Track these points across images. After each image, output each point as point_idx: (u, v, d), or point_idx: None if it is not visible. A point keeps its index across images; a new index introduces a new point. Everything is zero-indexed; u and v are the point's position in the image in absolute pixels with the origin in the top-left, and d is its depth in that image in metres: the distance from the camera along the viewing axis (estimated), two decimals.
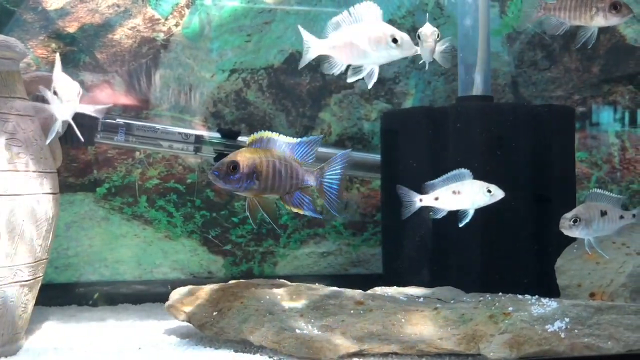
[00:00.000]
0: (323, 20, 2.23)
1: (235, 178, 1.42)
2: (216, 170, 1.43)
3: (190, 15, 2.18)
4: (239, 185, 1.43)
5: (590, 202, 1.52)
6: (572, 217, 1.49)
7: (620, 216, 1.53)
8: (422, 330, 1.46)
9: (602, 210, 1.51)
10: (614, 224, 1.52)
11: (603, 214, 1.51)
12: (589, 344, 1.36)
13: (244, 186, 1.43)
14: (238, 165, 1.42)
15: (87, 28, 2.12)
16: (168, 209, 2.18)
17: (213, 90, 2.19)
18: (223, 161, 1.44)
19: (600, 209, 1.51)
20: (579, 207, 1.51)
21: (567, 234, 1.50)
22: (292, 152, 1.49)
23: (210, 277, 2.21)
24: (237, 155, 1.44)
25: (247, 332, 1.50)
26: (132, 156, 2.16)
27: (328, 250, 2.26)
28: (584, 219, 1.49)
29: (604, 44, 2.28)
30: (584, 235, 1.50)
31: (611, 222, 1.52)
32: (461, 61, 2.03)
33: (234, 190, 1.46)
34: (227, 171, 1.42)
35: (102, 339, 1.66)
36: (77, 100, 1.50)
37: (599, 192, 1.54)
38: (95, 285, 2.15)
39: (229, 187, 1.44)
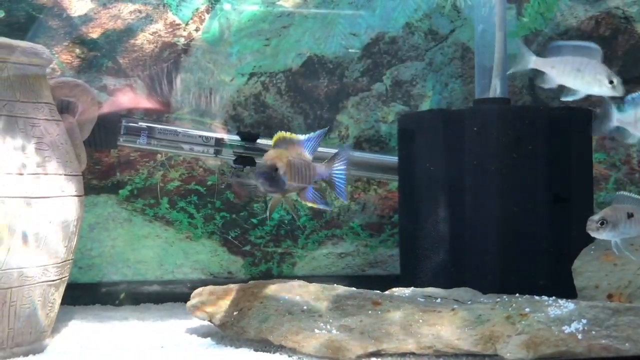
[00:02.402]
0: (340, 23, 2.25)
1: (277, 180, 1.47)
2: (264, 174, 1.46)
3: (210, 20, 2.21)
4: (279, 187, 1.47)
5: (616, 205, 1.53)
6: (599, 220, 1.49)
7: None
8: (439, 331, 1.47)
9: (628, 213, 1.51)
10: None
11: (630, 216, 1.51)
12: (607, 345, 1.36)
13: (281, 186, 1.48)
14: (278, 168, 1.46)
15: (110, 34, 2.17)
16: (189, 211, 2.21)
17: (232, 93, 2.22)
18: (265, 166, 1.47)
19: (627, 211, 1.51)
20: (606, 209, 1.52)
21: (594, 235, 1.52)
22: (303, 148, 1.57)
23: (230, 277, 2.23)
24: (274, 158, 1.48)
25: (266, 332, 1.52)
26: (153, 159, 2.19)
27: (346, 251, 2.28)
28: (610, 221, 1.49)
29: (622, 44, 2.27)
30: (611, 237, 1.51)
31: (638, 224, 1.52)
32: (478, 63, 2.03)
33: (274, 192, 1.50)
34: (272, 175, 1.46)
35: (125, 338, 1.69)
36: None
37: (626, 195, 1.55)
38: (118, 285, 2.18)
39: (273, 189, 1.48)
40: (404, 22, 2.26)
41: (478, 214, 1.84)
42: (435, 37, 2.28)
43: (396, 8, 2.26)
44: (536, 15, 2.27)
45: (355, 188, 2.27)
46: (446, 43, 2.28)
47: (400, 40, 2.26)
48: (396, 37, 2.26)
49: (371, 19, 2.25)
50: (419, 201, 1.94)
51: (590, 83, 1.59)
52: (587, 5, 2.28)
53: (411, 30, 2.27)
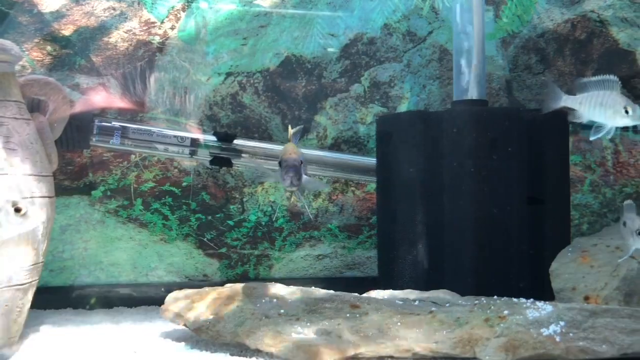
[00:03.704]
0: (318, 23, 2.23)
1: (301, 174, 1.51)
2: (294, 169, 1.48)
3: (186, 18, 2.18)
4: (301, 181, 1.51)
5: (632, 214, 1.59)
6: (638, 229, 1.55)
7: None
8: (417, 334, 1.46)
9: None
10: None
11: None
12: (584, 347, 1.37)
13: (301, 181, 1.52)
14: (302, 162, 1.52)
15: (83, 31, 2.12)
16: (163, 212, 2.18)
17: (209, 93, 2.19)
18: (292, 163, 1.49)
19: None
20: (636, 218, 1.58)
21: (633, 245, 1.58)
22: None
23: (205, 280, 2.21)
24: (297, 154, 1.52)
25: (243, 336, 1.50)
26: (127, 159, 2.16)
27: (323, 253, 2.26)
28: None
29: (597, 48, 2.29)
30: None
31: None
32: (456, 65, 2.04)
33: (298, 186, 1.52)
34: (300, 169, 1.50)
35: (97, 343, 1.66)
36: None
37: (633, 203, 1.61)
38: (91, 289, 2.14)
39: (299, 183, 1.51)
40: (383, 23, 2.26)
41: (456, 216, 1.85)
42: (414, 39, 2.28)
43: (375, 9, 2.26)
44: (513, 18, 2.29)
45: (334, 190, 2.25)
46: (424, 45, 2.28)
47: (379, 41, 2.26)
48: (374, 38, 2.26)
49: (350, 19, 2.24)
50: (397, 203, 1.94)
51: (612, 115, 1.67)
52: (563, 9, 2.30)
53: (389, 31, 2.27)
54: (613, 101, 1.66)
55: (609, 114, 1.67)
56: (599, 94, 1.69)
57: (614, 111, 1.66)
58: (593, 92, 1.71)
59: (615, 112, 1.66)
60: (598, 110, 1.68)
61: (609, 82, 1.69)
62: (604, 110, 1.67)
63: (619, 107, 1.65)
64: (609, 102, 1.67)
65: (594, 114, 1.69)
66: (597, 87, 1.71)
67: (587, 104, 1.71)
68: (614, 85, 1.69)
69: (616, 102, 1.66)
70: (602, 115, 1.68)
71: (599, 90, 1.70)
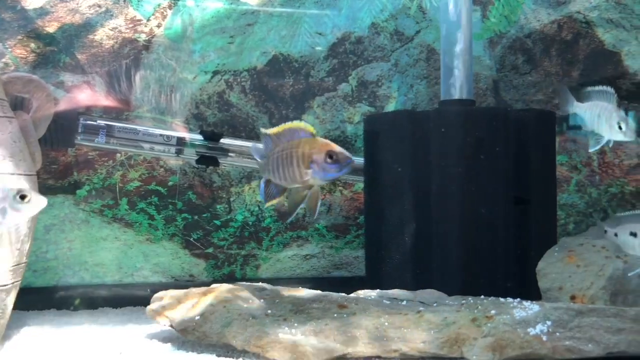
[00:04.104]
0: (306, 22, 2.22)
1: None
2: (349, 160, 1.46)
3: (173, 16, 2.16)
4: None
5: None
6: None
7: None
8: (405, 334, 1.46)
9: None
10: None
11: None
12: (571, 346, 1.37)
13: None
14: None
15: (67, 28, 2.10)
16: (149, 212, 2.16)
17: (195, 91, 2.18)
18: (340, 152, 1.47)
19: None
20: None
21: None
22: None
23: (192, 280, 2.19)
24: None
25: (229, 337, 1.48)
26: (113, 158, 2.13)
27: (311, 253, 2.25)
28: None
29: (583, 49, 2.31)
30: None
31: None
32: (443, 65, 2.04)
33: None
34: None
35: (81, 345, 1.64)
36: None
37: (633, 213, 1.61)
38: (75, 289, 2.12)
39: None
40: (370, 22, 2.26)
41: (444, 215, 1.85)
42: (401, 38, 2.28)
43: (362, 8, 2.25)
44: (500, 18, 2.29)
45: (321, 189, 2.25)
46: (412, 44, 2.28)
47: (366, 40, 2.25)
48: (362, 37, 2.25)
49: (337, 18, 2.24)
50: (385, 202, 1.93)
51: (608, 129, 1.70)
52: (550, 9, 2.31)
53: (377, 30, 2.26)
54: (609, 115, 1.68)
55: (605, 127, 1.69)
56: (598, 105, 1.71)
57: (609, 125, 1.68)
58: (594, 103, 1.73)
59: (610, 126, 1.67)
60: (597, 122, 1.71)
61: (606, 93, 1.70)
62: (602, 123, 1.69)
63: (614, 122, 1.67)
64: (605, 115, 1.69)
65: (594, 124, 1.72)
66: (597, 98, 1.72)
67: (589, 114, 1.73)
68: (611, 97, 1.69)
69: (612, 116, 1.68)
70: (600, 127, 1.70)
71: (598, 101, 1.71)
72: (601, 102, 1.70)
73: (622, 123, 1.65)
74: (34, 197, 1.36)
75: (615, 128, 1.66)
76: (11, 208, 1.35)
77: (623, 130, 1.66)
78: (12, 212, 1.35)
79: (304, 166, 1.49)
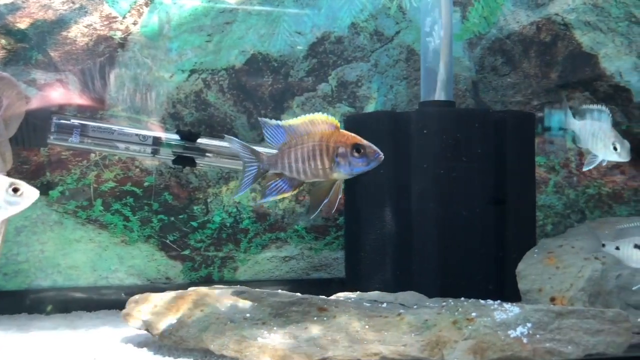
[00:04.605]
0: (285, 21, 2.20)
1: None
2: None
3: (149, 13, 2.12)
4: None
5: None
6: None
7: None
8: (385, 337, 1.45)
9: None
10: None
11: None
12: (551, 348, 1.38)
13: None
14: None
15: (40, 24, 2.04)
16: (124, 213, 2.12)
17: (172, 90, 2.14)
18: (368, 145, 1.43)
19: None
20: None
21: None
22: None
23: (168, 283, 2.15)
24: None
25: (207, 341, 1.46)
26: (87, 158, 2.09)
27: (290, 255, 2.23)
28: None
29: (562, 50, 2.32)
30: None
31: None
32: (424, 66, 2.03)
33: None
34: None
35: (54, 350, 1.60)
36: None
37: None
38: (47, 292, 2.07)
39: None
40: (350, 22, 2.24)
41: (423, 217, 1.84)
42: (381, 39, 2.26)
43: (342, 7, 2.23)
44: (480, 19, 2.29)
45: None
46: (391, 45, 2.27)
47: (346, 40, 2.24)
48: (342, 37, 2.24)
49: (317, 17, 2.22)
50: (365, 203, 1.92)
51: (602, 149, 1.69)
52: (528, 11, 2.32)
53: (357, 30, 2.25)
54: (604, 135, 1.68)
55: (599, 147, 1.69)
56: (593, 124, 1.71)
57: (604, 145, 1.68)
58: (588, 121, 1.73)
59: (605, 146, 1.68)
60: (591, 141, 1.71)
61: (601, 113, 1.71)
62: (596, 142, 1.69)
63: (609, 142, 1.67)
64: (600, 134, 1.69)
65: (588, 143, 1.72)
66: (593, 117, 1.73)
67: (584, 132, 1.73)
68: (606, 117, 1.70)
69: (607, 136, 1.68)
70: (594, 146, 1.70)
71: (593, 120, 1.72)
72: (596, 121, 1.70)
73: (617, 144, 1.66)
74: (26, 189, 1.34)
75: (610, 148, 1.66)
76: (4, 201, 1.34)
77: (618, 151, 1.66)
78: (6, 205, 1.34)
79: (329, 160, 1.44)
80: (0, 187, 1.33)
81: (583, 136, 1.72)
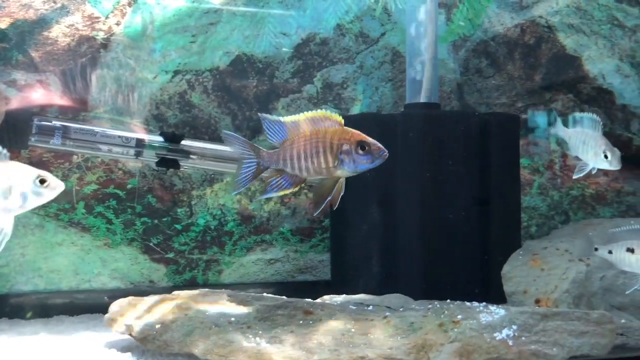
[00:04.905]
0: (270, 22, 2.19)
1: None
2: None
3: (133, 14, 2.09)
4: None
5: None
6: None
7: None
8: (371, 340, 1.44)
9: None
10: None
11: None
12: (536, 351, 1.38)
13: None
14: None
15: (20, 24, 2.01)
16: (107, 216, 2.09)
17: (155, 91, 2.12)
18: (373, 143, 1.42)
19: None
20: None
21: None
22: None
23: (151, 286, 2.13)
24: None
25: (192, 346, 1.45)
26: (69, 160, 2.06)
27: (275, 257, 2.22)
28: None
29: (546, 52, 2.34)
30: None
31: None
32: (409, 68, 2.03)
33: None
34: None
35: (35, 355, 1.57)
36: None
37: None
38: (29, 297, 2.03)
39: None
40: (335, 24, 2.24)
41: (409, 219, 1.84)
42: (366, 40, 2.26)
43: (327, 9, 2.23)
44: (465, 21, 2.30)
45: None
46: (377, 46, 2.27)
47: (331, 41, 2.23)
48: (327, 38, 2.23)
49: (302, 19, 2.21)
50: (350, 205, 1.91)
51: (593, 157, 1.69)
52: (513, 13, 2.33)
53: (342, 32, 2.24)
54: (595, 143, 1.68)
55: (590, 155, 1.69)
56: (583, 132, 1.72)
57: (594, 153, 1.68)
58: (579, 129, 1.73)
59: (595, 154, 1.67)
60: (581, 149, 1.71)
61: (592, 121, 1.71)
62: (587, 150, 1.69)
63: (599, 151, 1.66)
64: (591, 142, 1.69)
65: (578, 151, 1.72)
66: (583, 125, 1.73)
67: (574, 140, 1.73)
68: (597, 125, 1.70)
69: (597, 144, 1.68)
70: (584, 154, 1.70)
71: (583, 128, 1.72)
72: (587, 129, 1.71)
73: (608, 152, 1.66)
74: (52, 181, 1.38)
75: (601, 156, 1.66)
76: (32, 193, 1.37)
77: (609, 159, 1.66)
78: (33, 196, 1.37)
79: (333, 157, 1.42)
80: (28, 178, 1.36)
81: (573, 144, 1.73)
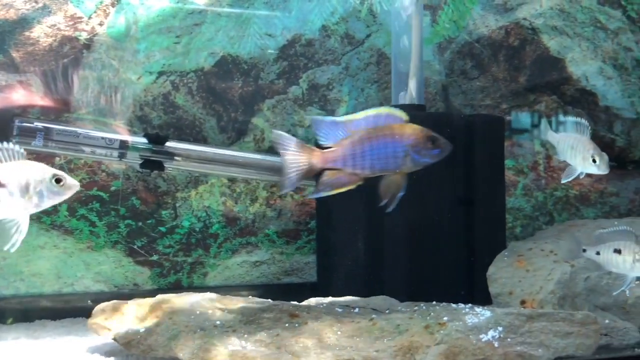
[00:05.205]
0: (255, 23, 2.18)
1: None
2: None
3: (116, 14, 2.07)
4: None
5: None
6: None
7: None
8: (357, 343, 1.44)
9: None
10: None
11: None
12: (522, 352, 1.38)
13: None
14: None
15: (1, 24, 1.98)
16: (90, 218, 2.07)
17: (139, 93, 2.10)
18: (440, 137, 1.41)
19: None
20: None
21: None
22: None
23: (136, 289, 2.11)
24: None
25: (176, 350, 1.43)
26: (51, 162, 2.03)
27: (261, 260, 2.21)
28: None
29: (530, 54, 2.35)
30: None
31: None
32: (394, 69, 2.03)
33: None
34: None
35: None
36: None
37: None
38: (10, 301, 2.00)
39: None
40: (321, 25, 2.23)
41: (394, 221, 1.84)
42: (352, 42, 2.26)
43: (313, 10, 2.22)
44: (450, 23, 2.31)
45: (271, 194, 2.20)
46: (362, 48, 2.27)
47: (317, 43, 2.23)
48: (313, 39, 2.22)
49: (287, 20, 2.20)
50: (337, 207, 1.91)
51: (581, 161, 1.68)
52: (497, 15, 2.34)
53: (328, 33, 2.24)
54: (583, 147, 1.68)
55: (578, 159, 1.68)
56: (571, 137, 1.72)
57: (582, 157, 1.68)
58: (567, 134, 1.74)
59: (584, 158, 1.67)
60: (570, 153, 1.70)
61: (580, 125, 1.71)
62: (575, 155, 1.69)
63: (588, 155, 1.67)
64: (579, 147, 1.68)
65: (567, 155, 1.72)
66: (571, 129, 1.74)
67: (562, 144, 1.73)
68: (585, 130, 1.70)
69: (585, 148, 1.67)
70: (573, 159, 1.70)
71: (571, 133, 1.73)
72: (575, 134, 1.71)
73: (596, 156, 1.66)
74: (68, 180, 1.40)
75: (589, 160, 1.67)
76: (48, 191, 1.39)
77: (597, 163, 1.67)
78: (49, 195, 1.39)
79: (404, 153, 1.42)
80: (44, 177, 1.38)
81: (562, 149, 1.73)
